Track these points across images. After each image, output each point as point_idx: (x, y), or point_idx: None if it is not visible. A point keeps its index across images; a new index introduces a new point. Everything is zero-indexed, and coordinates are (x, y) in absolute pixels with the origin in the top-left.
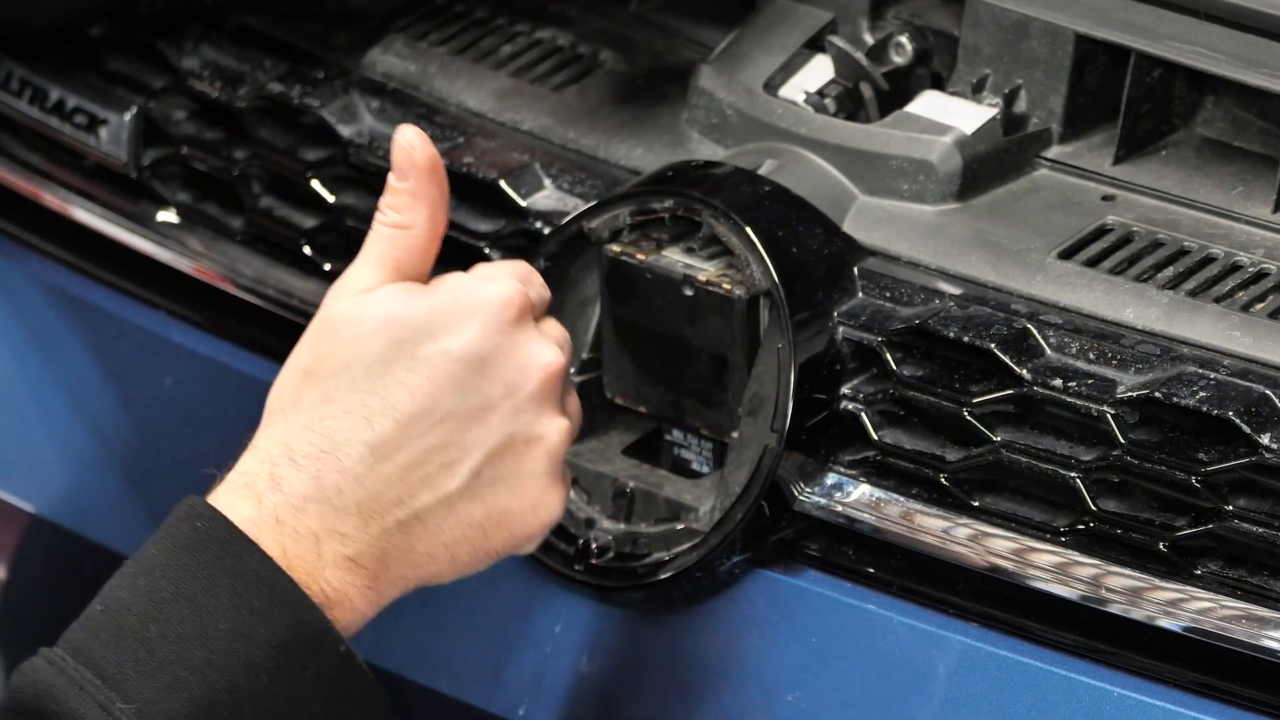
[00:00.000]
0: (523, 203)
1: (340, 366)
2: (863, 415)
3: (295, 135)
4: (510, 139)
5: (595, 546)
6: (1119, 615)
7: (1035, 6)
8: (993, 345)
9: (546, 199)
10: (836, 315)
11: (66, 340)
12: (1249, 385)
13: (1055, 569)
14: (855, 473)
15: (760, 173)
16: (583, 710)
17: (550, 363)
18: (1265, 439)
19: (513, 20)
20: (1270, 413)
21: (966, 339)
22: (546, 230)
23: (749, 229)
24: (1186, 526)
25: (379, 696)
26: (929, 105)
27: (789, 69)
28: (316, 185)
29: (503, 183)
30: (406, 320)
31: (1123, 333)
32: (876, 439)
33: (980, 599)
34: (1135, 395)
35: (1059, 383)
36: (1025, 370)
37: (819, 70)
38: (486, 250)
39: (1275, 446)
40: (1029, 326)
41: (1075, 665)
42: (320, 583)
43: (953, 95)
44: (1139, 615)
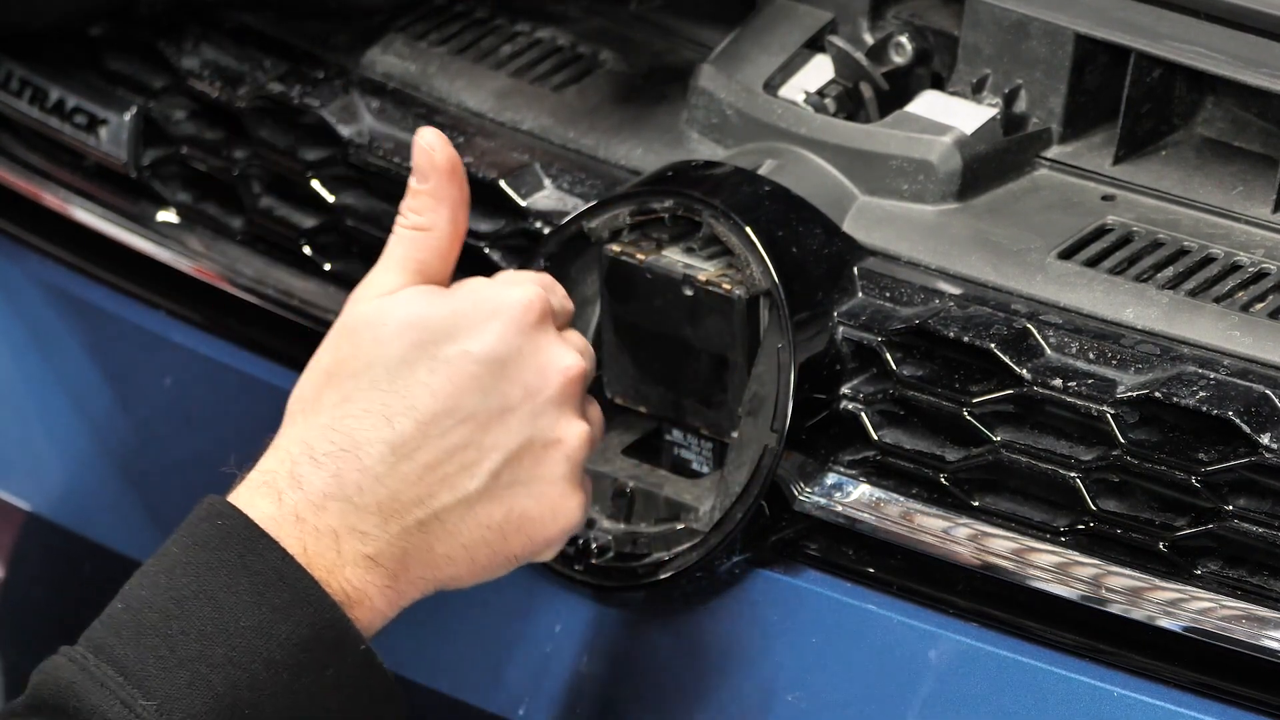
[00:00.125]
0: (523, 203)
1: (362, 367)
2: (863, 415)
3: (295, 135)
4: (510, 139)
5: (595, 546)
6: (1119, 615)
7: (1035, 6)
8: (993, 345)
9: (546, 199)
10: (836, 315)
11: (66, 340)
12: (1249, 385)
13: (1055, 569)
14: (855, 473)
15: (760, 173)
16: (583, 710)
17: (570, 366)
18: (1265, 439)
19: (513, 20)
20: (1270, 413)
21: (966, 339)
22: (546, 230)
23: (749, 229)
24: (1186, 526)
25: (398, 696)
26: (929, 105)
27: (789, 69)
28: (316, 185)
29: (503, 183)
30: (429, 322)
31: (1123, 333)
32: (876, 439)
33: (980, 599)
34: (1135, 395)
35: (1059, 383)
36: (1025, 370)
37: (819, 70)
38: (486, 250)
39: (1275, 446)
40: (1029, 326)
41: (1075, 665)
42: (340, 581)
43: (953, 95)
44: (1139, 615)
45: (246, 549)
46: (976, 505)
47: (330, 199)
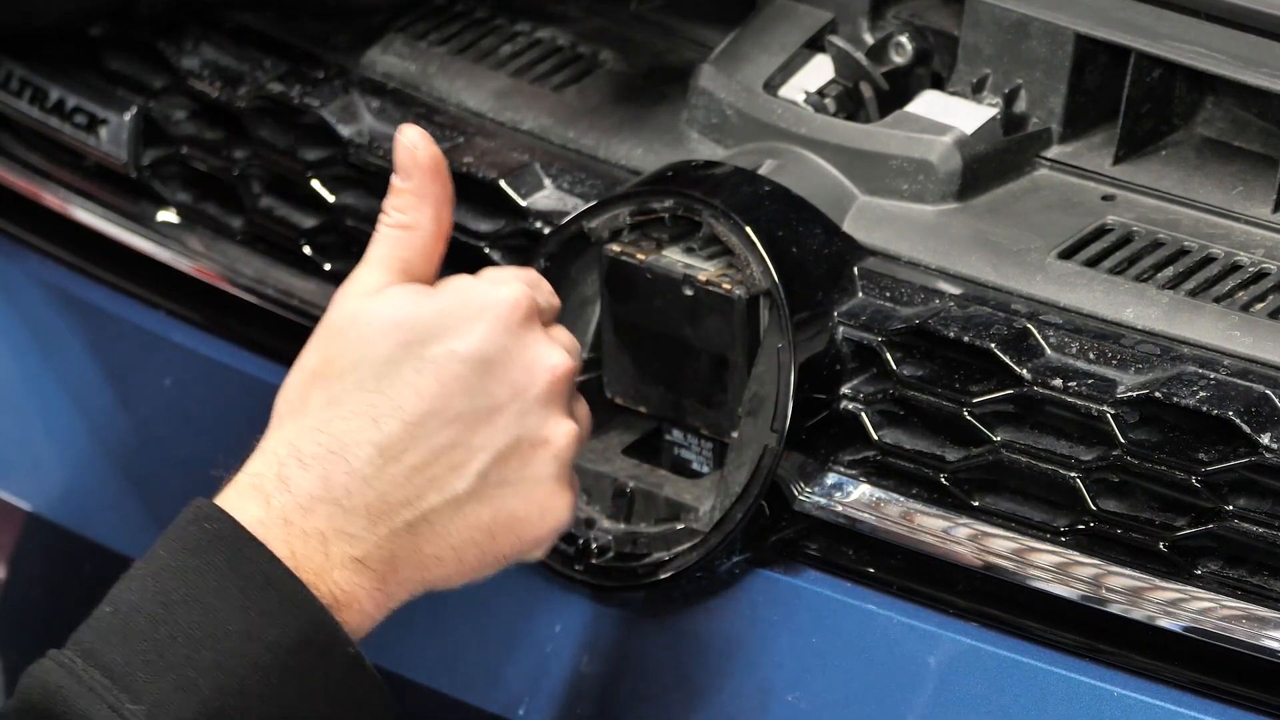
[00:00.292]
0: (523, 203)
1: (348, 368)
2: (863, 415)
3: (295, 135)
4: (510, 139)
5: (595, 546)
6: (1119, 615)
7: (1035, 6)
8: (993, 345)
9: (546, 199)
10: (836, 315)
11: (66, 340)
12: (1249, 385)
13: (1055, 569)
14: (855, 473)
15: (760, 173)
16: (583, 710)
17: (557, 365)
18: (1265, 439)
19: (513, 20)
20: (1270, 413)
21: (966, 339)
22: (546, 230)
23: (749, 229)
24: (1186, 526)
25: (387, 698)
26: (929, 105)
27: (789, 69)
28: (316, 185)
29: (503, 183)
30: (414, 321)
31: (1123, 333)
32: (876, 439)
33: (980, 599)
34: (1135, 395)
35: (1059, 383)
36: (1025, 370)
37: (819, 70)
38: (486, 250)
39: (1275, 446)
40: (1029, 326)
41: (1075, 665)
42: (329, 584)
43: (953, 95)
44: (1139, 615)
45: (234, 552)
46: (976, 505)
47: (330, 199)
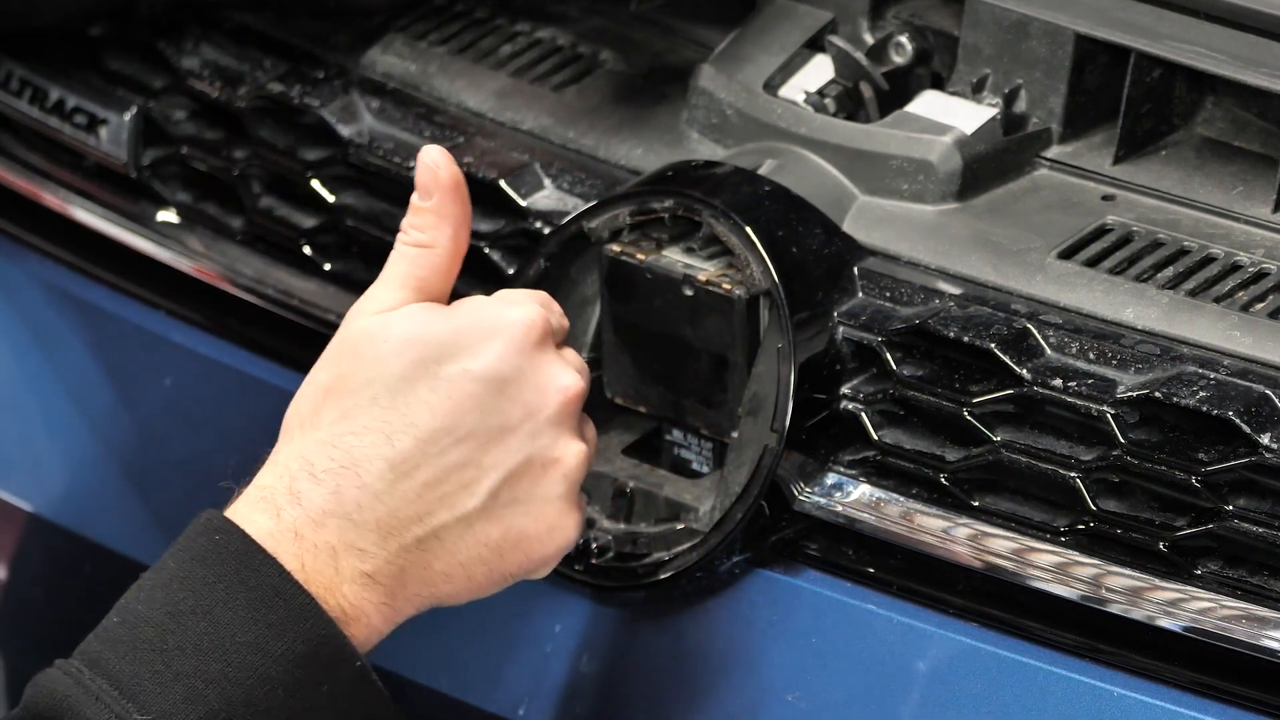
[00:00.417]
0: (523, 203)
1: (362, 384)
2: (863, 415)
3: (295, 135)
4: (510, 139)
5: (595, 546)
6: (1119, 615)
7: (1035, 6)
8: (993, 345)
9: (546, 199)
10: (836, 315)
11: (66, 340)
12: (1249, 385)
13: (1055, 569)
14: (855, 473)
15: (760, 173)
16: (583, 710)
17: (569, 386)
18: (1265, 439)
19: (513, 20)
20: (1270, 413)
21: (966, 339)
22: (546, 230)
23: (749, 229)
24: (1186, 526)
25: (393, 711)
26: (929, 105)
27: (789, 69)
28: (316, 185)
29: (503, 183)
30: (429, 339)
31: (1123, 333)
32: (876, 439)
33: (980, 599)
34: (1135, 395)
35: (1059, 383)
36: (1025, 370)
37: (819, 70)
38: (486, 250)
39: (1275, 446)
40: (1029, 326)
41: (1075, 665)
42: (337, 598)
43: (953, 95)
44: (1139, 615)
45: (244, 564)
46: (976, 505)
47: (330, 199)
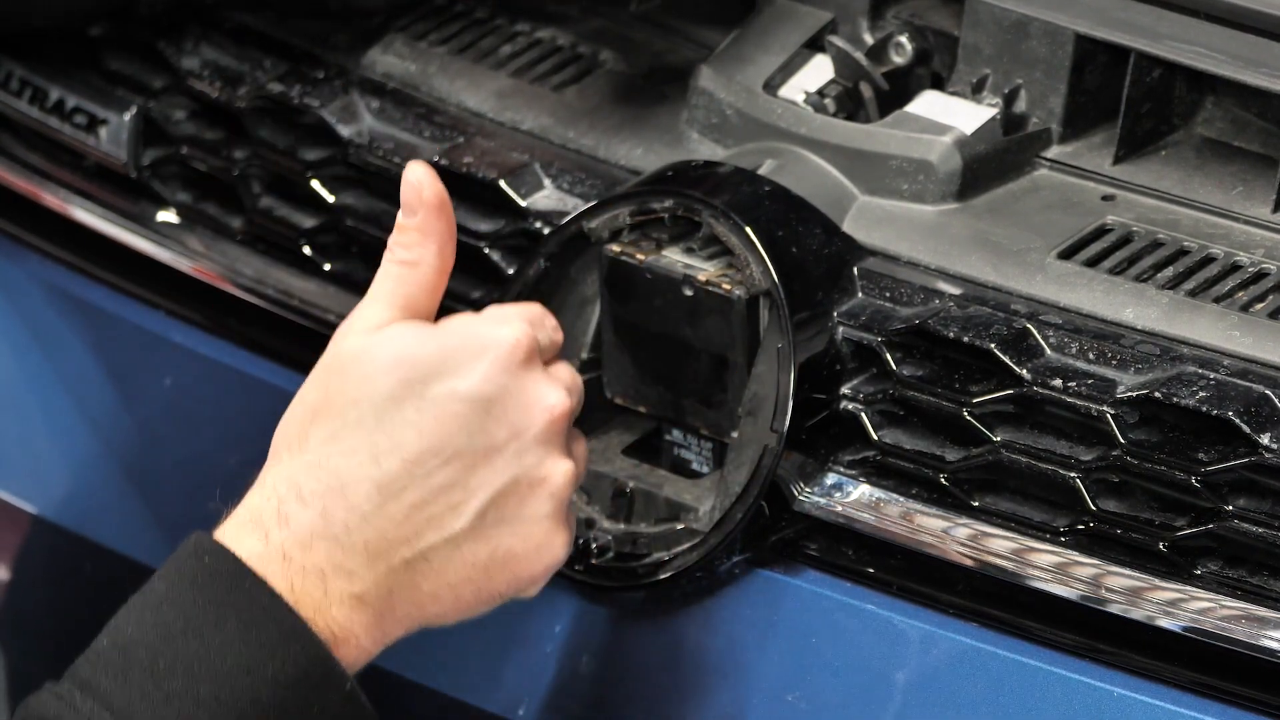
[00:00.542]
0: (523, 203)
1: (348, 404)
2: (863, 415)
3: (295, 135)
4: (510, 139)
5: (595, 546)
6: (1119, 615)
7: (1035, 6)
8: (993, 345)
9: (546, 199)
10: (836, 315)
11: (66, 340)
12: (1249, 385)
13: (1055, 569)
14: (855, 473)
15: (760, 173)
16: (583, 710)
17: (555, 405)
18: (1265, 439)
19: (513, 20)
20: (1270, 413)
21: (966, 339)
22: (546, 230)
23: (749, 229)
24: (1186, 526)
25: None
26: (929, 105)
27: (789, 69)
28: (316, 185)
29: (503, 183)
30: (416, 360)
31: (1123, 333)
32: (876, 439)
33: (980, 599)
34: (1135, 395)
35: (1059, 383)
36: (1025, 370)
37: (819, 70)
38: (486, 250)
39: (1275, 446)
40: (1029, 326)
41: (1075, 665)
42: (326, 619)
43: (953, 95)
44: (1139, 615)
45: (234, 587)
46: (976, 505)
47: (330, 199)
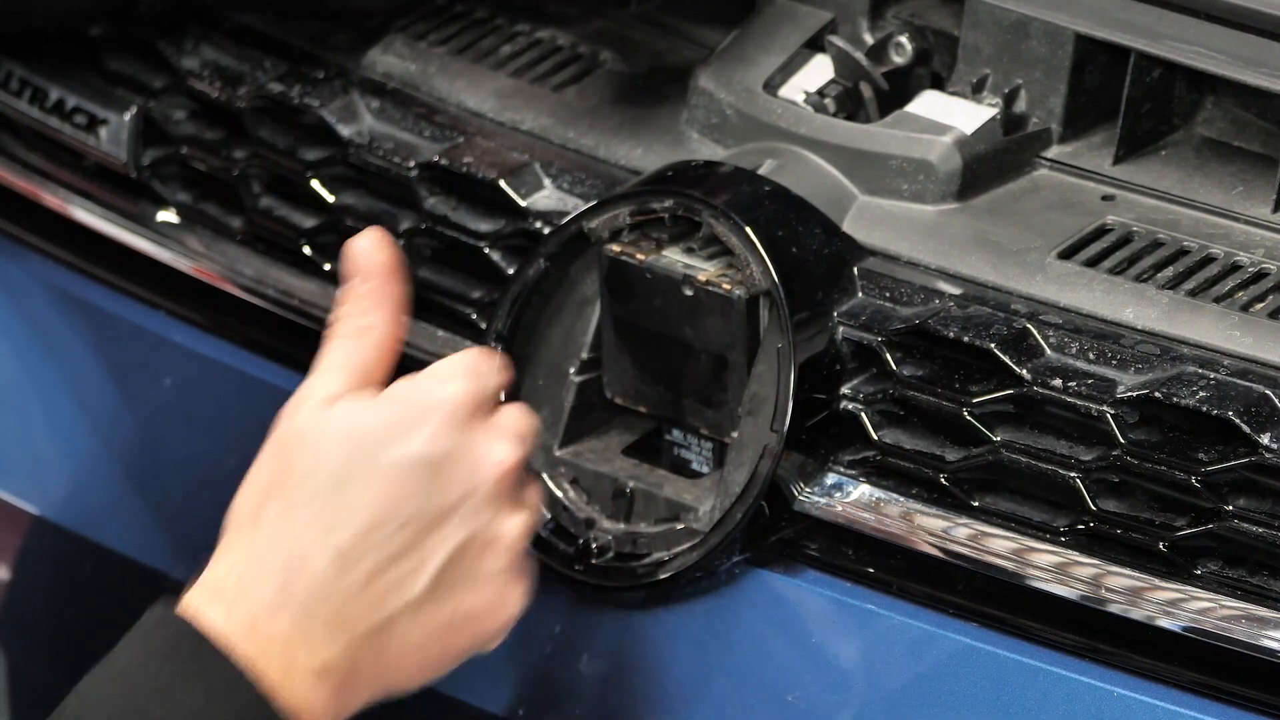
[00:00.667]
0: (523, 203)
1: (301, 479)
2: (863, 415)
3: (295, 135)
4: (510, 139)
5: (595, 546)
6: (1119, 615)
7: (1035, 6)
8: (993, 345)
9: (546, 199)
10: (836, 315)
11: (67, 340)
12: (1249, 385)
13: (1055, 569)
14: (855, 473)
15: (760, 173)
16: (583, 710)
17: (503, 460)
18: (1265, 439)
19: (513, 20)
20: (1270, 413)
21: (966, 339)
22: (546, 230)
23: (749, 229)
24: (1186, 526)
25: None
26: (929, 105)
27: (789, 69)
28: (316, 185)
29: (503, 183)
30: (364, 431)
31: (1123, 333)
32: (876, 439)
33: (980, 599)
34: (1135, 395)
35: (1059, 383)
36: (1025, 370)
37: (819, 70)
38: (486, 250)
39: (1275, 446)
40: (1029, 326)
41: (1075, 665)
42: (289, 691)
43: (953, 95)
44: (1139, 615)
45: (195, 658)
46: (976, 505)
47: (330, 199)
